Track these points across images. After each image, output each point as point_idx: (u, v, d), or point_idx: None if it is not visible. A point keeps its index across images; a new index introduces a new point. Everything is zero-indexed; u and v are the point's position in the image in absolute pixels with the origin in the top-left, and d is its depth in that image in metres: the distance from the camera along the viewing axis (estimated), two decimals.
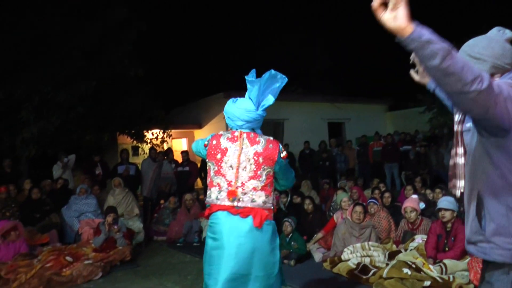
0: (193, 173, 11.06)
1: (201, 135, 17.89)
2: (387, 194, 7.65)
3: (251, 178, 3.06)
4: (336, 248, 6.16)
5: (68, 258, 6.29)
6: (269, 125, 16.74)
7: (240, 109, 3.19)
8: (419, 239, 5.75)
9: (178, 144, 18.32)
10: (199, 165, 11.73)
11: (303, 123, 17.49)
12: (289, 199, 8.62)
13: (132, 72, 11.79)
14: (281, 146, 3.19)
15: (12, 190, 8.73)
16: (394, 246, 6.02)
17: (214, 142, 3.17)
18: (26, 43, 10.18)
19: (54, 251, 6.48)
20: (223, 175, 3.10)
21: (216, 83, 20.05)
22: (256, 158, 3.08)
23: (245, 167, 3.08)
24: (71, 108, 10.44)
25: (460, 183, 2.24)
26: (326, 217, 7.62)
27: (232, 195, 3.03)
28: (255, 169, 3.08)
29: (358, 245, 5.85)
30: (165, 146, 15.61)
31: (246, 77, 3.13)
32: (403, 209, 6.23)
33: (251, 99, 3.20)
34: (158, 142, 14.64)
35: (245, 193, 3.04)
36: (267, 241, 3.04)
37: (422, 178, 9.79)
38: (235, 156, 3.09)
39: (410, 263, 4.96)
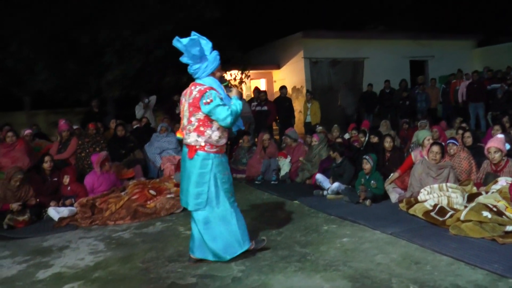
0: (271, 112, 11.13)
1: (280, 75, 17.81)
2: (467, 134, 7.27)
3: (188, 123, 4.12)
4: (413, 189, 6.00)
5: (151, 191, 6.68)
6: (348, 65, 16.36)
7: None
8: (503, 181, 5.40)
9: (257, 85, 18.41)
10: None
11: (384, 62, 16.87)
12: (366, 138, 8.48)
13: (207, 14, 11.85)
14: (206, 94, 3.96)
15: (100, 127, 9.27)
16: (475, 188, 5.72)
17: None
18: None
19: (139, 185, 6.88)
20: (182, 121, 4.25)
21: (294, 22, 19.64)
22: (188, 107, 4.09)
23: (184, 115, 4.19)
24: (150, 52, 10.74)
25: None
26: (405, 158, 7.37)
27: (181, 135, 4.25)
28: (188, 115, 4.10)
29: (436, 186, 5.61)
30: (244, 87, 15.76)
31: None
32: (487, 150, 5.89)
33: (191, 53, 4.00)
34: (236, 83, 14.81)
35: (187, 134, 4.14)
36: (195, 166, 4.08)
37: (511, 118, 9.12)
38: (183, 106, 4.20)
39: (491, 206, 4.67)
